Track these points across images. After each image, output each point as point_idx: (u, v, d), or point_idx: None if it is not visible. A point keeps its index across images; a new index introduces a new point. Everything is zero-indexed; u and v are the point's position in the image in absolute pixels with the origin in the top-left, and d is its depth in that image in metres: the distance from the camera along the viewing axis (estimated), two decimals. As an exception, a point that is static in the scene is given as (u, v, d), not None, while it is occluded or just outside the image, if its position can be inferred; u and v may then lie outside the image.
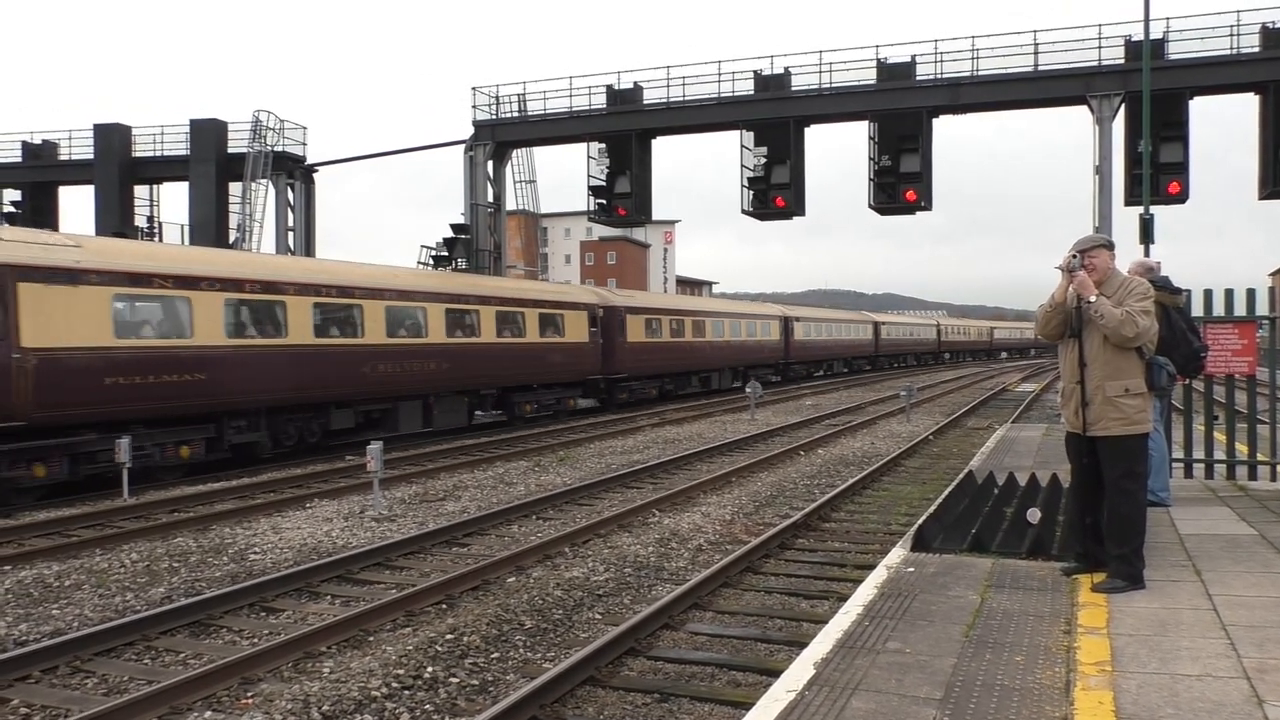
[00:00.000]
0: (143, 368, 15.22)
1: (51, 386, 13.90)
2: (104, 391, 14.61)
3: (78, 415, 14.36)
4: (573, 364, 28.01)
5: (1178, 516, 8.64)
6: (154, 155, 37.85)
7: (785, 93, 30.05)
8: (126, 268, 15.30)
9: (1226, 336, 10.05)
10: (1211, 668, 4.78)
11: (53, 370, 13.93)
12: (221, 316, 16.66)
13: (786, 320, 47.41)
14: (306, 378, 18.30)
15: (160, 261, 16.21)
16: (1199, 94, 26.79)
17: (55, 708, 6.21)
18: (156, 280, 15.70)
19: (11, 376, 13.43)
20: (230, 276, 16.97)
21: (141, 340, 15.48)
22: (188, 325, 16.12)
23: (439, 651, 7.00)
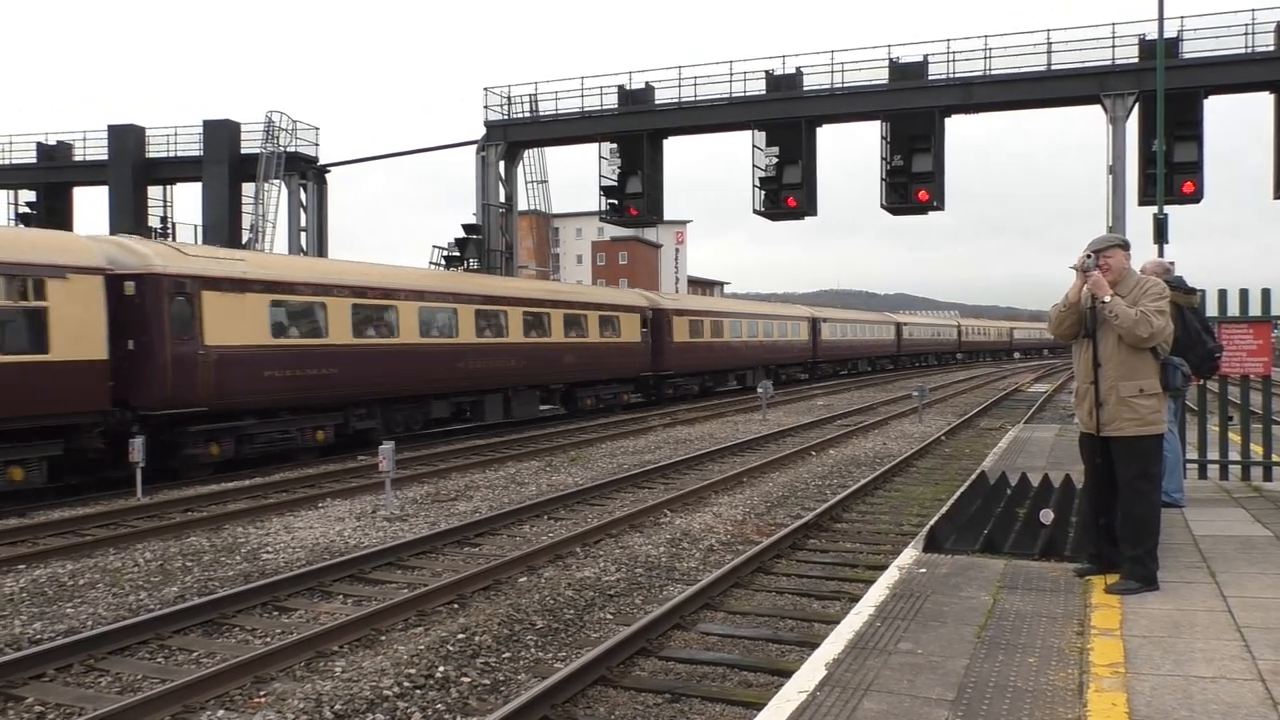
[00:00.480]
0: (291, 363, 17.80)
1: (225, 378, 16.43)
2: (263, 382, 17.19)
3: (243, 403, 16.90)
4: (627, 362, 30.57)
5: (1192, 518, 8.60)
6: (167, 156, 38.04)
7: (797, 93, 30.01)
8: (279, 277, 17.95)
9: (1241, 337, 9.99)
10: (1226, 670, 4.76)
11: (226, 364, 16.46)
12: (349, 319, 19.20)
13: (815, 321, 49.47)
14: (413, 372, 20.91)
15: (303, 272, 18.99)
16: (1213, 93, 26.65)
17: (69, 706, 6.24)
18: (301, 288, 18.31)
19: (198, 369, 15.96)
20: (355, 284, 19.63)
21: (290, 339, 17.98)
22: (324, 326, 18.67)
23: (451, 651, 7.01)
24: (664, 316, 33.18)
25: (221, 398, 16.35)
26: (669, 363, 33.31)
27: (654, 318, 32.63)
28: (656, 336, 32.54)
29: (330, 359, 18.60)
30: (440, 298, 22.09)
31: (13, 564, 10.16)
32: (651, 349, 32.14)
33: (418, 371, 21.01)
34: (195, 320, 15.97)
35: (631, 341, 30.84)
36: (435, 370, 21.56)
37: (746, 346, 40.24)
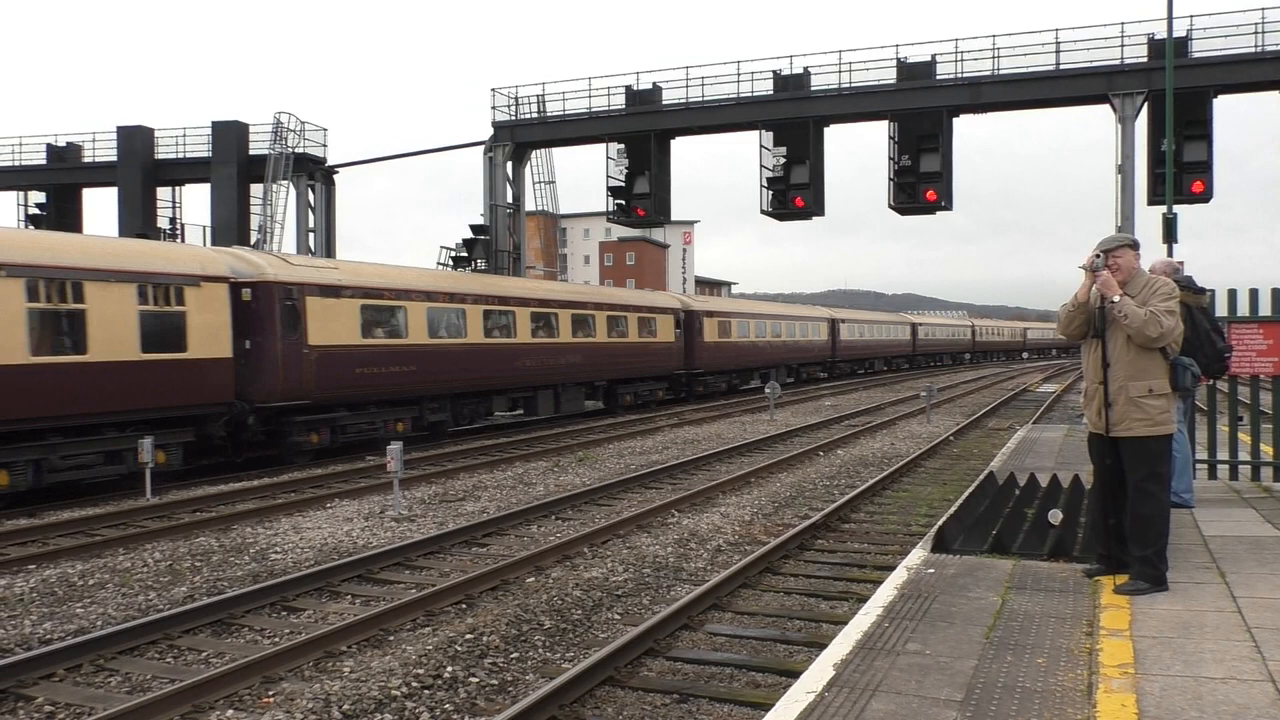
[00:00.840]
0: (377, 360, 19.68)
1: (325, 374, 18.28)
2: (354, 378, 19.09)
3: (338, 396, 18.79)
4: (663, 360, 32.63)
5: (1201, 518, 8.57)
6: (176, 157, 38.15)
7: (805, 93, 29.99)
8: (367, 283, 19.82)
9: (1251, 337, 9.95)
10: (1236, 670, 4.74)
11: (325, 362, 18.32)
12: (425, 321, 21.12)
13: (834, 322, 51.63)
14: (478, 369, 22.92)
15: (386, 278, 20.71)
16: (1223, 92, 26.56)
17: (79, 706, 6.26)
18: (385, 293, 20.15)
19: (303, 366, 17.83)
20: (429, 289, 21.58)
21: (376, 340, 19.79)
22: (403, 328, 20.57)
23: (458, 651, 7.02)
24: (695, 318, 34.94)
25: (321, 392, 18.29)
26: (700, 361, 35.04)
27: (686, 319, 34.40)
28: (689, 336, 34.36)
29: (409, 357, 20.60)
30: (501, 301, 24.14)
31: (23, 564, 10.21)
32: (684, 348, 34.03)
33: (482, 369, 23.03)
34: (300, 322, 17.90)
35: (667, 341, 32.84)
36: (496, 368, 23.59)
37: (770, 346, 42.18)
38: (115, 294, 14.81)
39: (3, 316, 13.36)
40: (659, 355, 32.34)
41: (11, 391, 13.35)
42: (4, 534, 11.68)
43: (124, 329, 14.92)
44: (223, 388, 16.53)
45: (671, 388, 34.14)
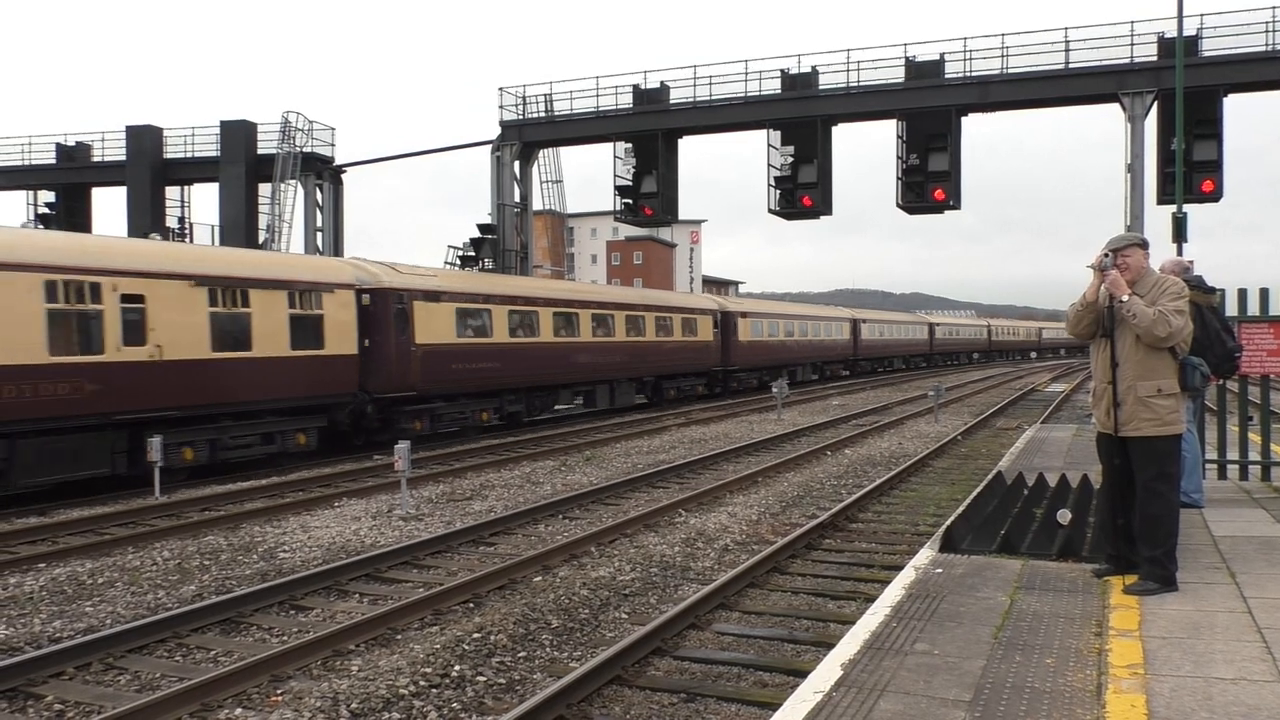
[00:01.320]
0: (468, 357, 22.14)
1: (428, 369, 20.65)
2: (450, 373, 21.50)
3: (438, 389, 21.23)
4: (702, 358, 35.08)
5: (1211, 518, 8.54)
6: (185, 157, 38.24)
7: (812, 92, 29.94)
8: (460, 289, 22.47)
9: (1261, 336, 9.91)
10: (1246, 671, 4.72)
11: (428, 358, 20.68)
12: (507, 322, 23.58)
13: (855, 322, 54.32)
14: (549, 365, 25.33)
15: (476, 284, 23.76)
16: (1233, 91, 26.45)
17: (88, 704, 6.28)
18: (475, 298, 22.82)
19: (411, 362, 20.21)
20: (509, 294, 24.32)
21: (467, 339, 22.25)
22: (489, 328, 22.98)
23: (466, 650, 7.03)
24: (731, 318, 37.30)
25: (425, 385, 20.68)
26: (735, 359, 37.35)
27: (723, 319, 36.69)
28: (725, 336, 36.63)
29: (493, 354, 23.11)
30: (568, 305, 26.71)
31: (33, 562, 10.24)
32: (721, 346, 36.37)
33: (551, 365, 25.51)
34: (409, 324, 20.23)
35: (706, 340, 35.30)
36: (563, 364, 26.08)
37: (798, 345, 45.05)
38: (272, 299, 17.38)
39: (193, 319, 15.93)
40: (699, 353, 34.79)
41: (197, 382, 15.98)
42: (14, 533, 11.72)
43: (278, 329, 17.47)
44: (350, 380, 19.06)
45: (709, 383, 36.27)
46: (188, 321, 15.88)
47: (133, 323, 14.98)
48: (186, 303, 15.89)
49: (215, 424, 16.35)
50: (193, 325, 15.91)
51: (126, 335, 14.87)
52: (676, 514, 12.54)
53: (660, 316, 31.99)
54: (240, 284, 16.81)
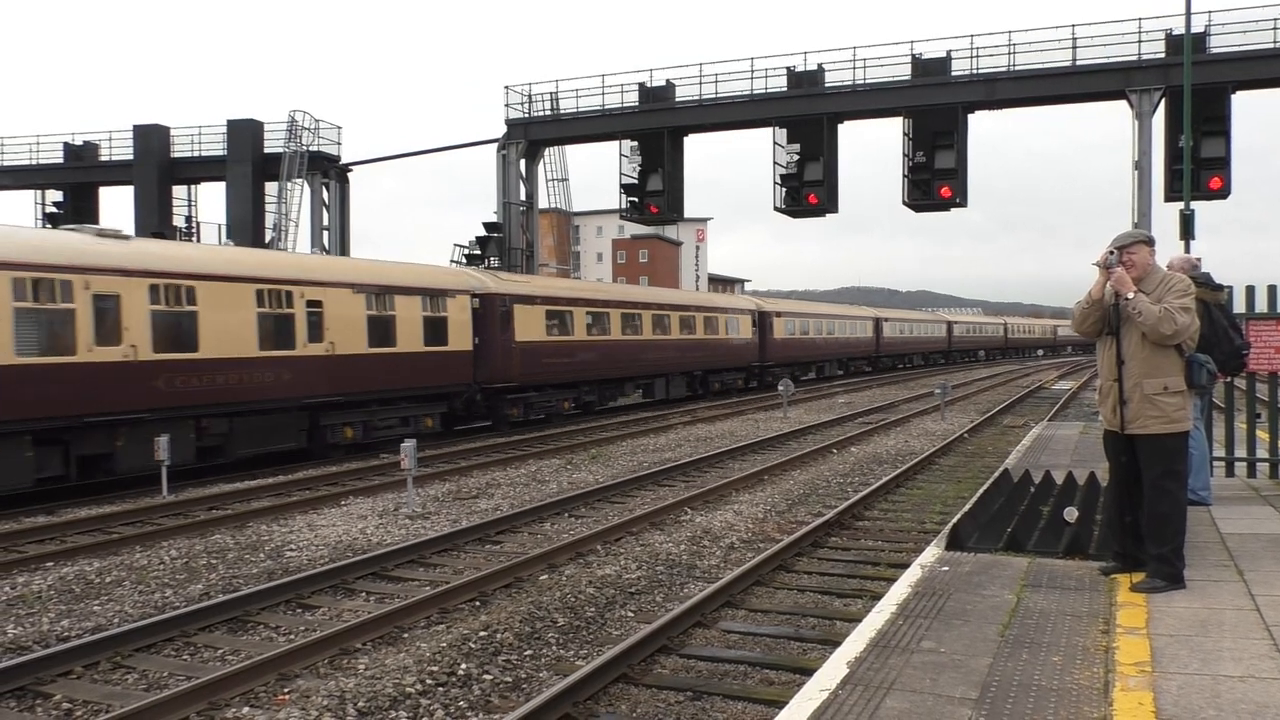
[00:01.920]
0: (555, 353, 25.36)
1: (525, 363, 23.94)
2: (541, 367, 24.70)
3: (531, 380, 24.35)
4: (742, 354, 38.23)
5: (1219, 516, 8.51)
6: (192, 156, 38.33)
7: (818, 89, 29.92)
8: (547, 293, 25.93)
9: (1269, 333, 9.88)
10: (1254, 669, 4.70)
11: (525, 354, 23.97)
12: (585, 322, 26.95)
13: (878, 321, 57.68)
14: (617, 360, 28.70)
15: (560, 289, 27.83)
16: (1241, 88, 26.36)
17: (96, 703, 6.30)
18: (560, 301, 26.10)
19: (512, 357, 23.50)
20: (588, 297, 28.08)
21: (554, 337, 25.37)
22: (571, 327, 26.25)
23: (473, 649, 7.04)
24: (768, 318, 40.41)
25: (522, 377, 23.88)
26: (771, 355, 40.44)
27: (760, 318, 39.67)
28: (762, 334, 39.58)
29: (574, 350, 26.37)
30: (633, 306, 30.12)
31: (41, 561, 10.27)
32: (758, 344, 39.33)
33: (620, 360, 28.86)
34: (510, 324, 23.50)
35: (746, 338, 38.47)
36: (629, 359, 29.51)
37: (825, 342, 48.35)
38: (411, 304, 20.45)
39: (355, 321, 19.02)
40: (740, 350, 37.99)
41: (357, 373, 18.92)
42: (22, 531, 11.76)
43: (415, 329, 20.50)
44: (466, 372, 22.05)
45: (747, 378, 39.03)
46: (351, 323, 18.98)
47: (314, 324, 18.10)
48: (350, 307, 18.99)
49: (367, 408, 19.42)
50: (355, 326, 19.00)
51: (310, 334, 18.00)
52: (683, 512, 12.54)
53: (708, 316, 35.19)
54: (388, 290, 19.88)
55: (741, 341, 37.82)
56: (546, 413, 25.16)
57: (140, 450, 14.68)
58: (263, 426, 17.08)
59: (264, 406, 16.96)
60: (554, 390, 25.54)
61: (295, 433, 17.84)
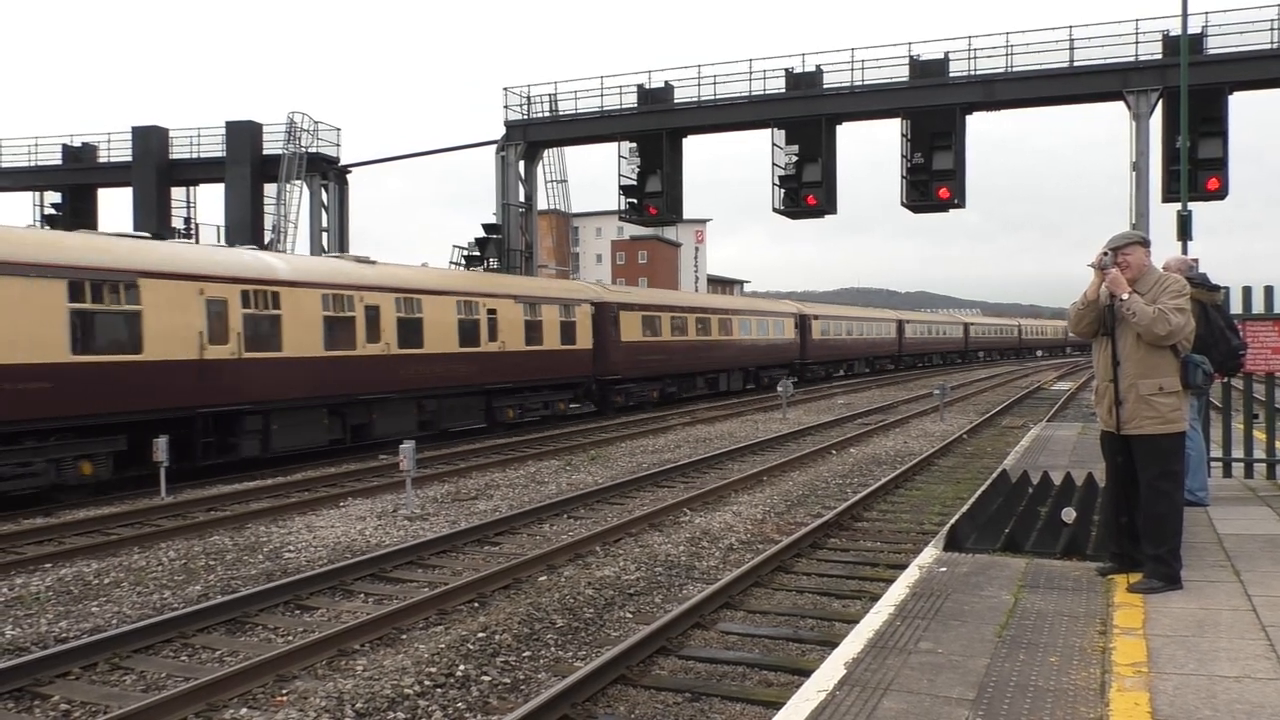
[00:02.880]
0: (649, 351, 30.63)
1: (627, 359, 29.28)
2: (639, 362, 29.99)
3: (631, 374, 29.55)
4: (786, 353, 43.58)
5: (1216, 516, 8.52)
6: (191, 157, 38.29)
7: (817, 90, 29.93)
8: (643, 301, 31.84)
9: (1266, 334, 9.89)
10: (1251, 669, 4.71)
11: (628, 351, 29.32)
12: (670, 325, 32.24)
13: (900, 323, 63.23)
14: (694, 358, 34.25)
15: (653, 297, 34.96)
16: (1239, 89, 26.38)
17: (94, 704, 6.30)
18: (653, 308, 31.70)
19: (619, 354, 28.78)
20: (671, 304, 33.67)
21: (647, 337, 30.55)
22: (660, 329, 31.49)
23: (471, 650, 7.04)
24: (807, 320, 46.12)
25: (625, 371, 29.22)
26: (810, 354, 46.07)
27: (800, 320, 45.32)
28: (803, 335, 45.17)
29: (662, 349, 31.58)
30: (705, 311, 35.72)
31: (39, 563, 10.28)
32: (799, 344, 44.82)
33: (696, 358, 34.35)
34: (618, 327, 28.78)
35: (790, 339, 43.99)
36: (702, 357, 34.86)
37: (854, 342, 54.05)
38: (552, 310, 25.72)
39: (517, 325, 24.09)
40: (784, 349, 43.29)
41: (518, 365, 23.96)
42: (20, 533, 11.76)
43: (555, 331, 25.65)
44: (587, 366, 27.16)
45: (790, 373, 42.76)
46: (515, 326, 24.03)
47: (492, 327, 23.11)
48: (514, 314, 24.04)
49: (522, 394, 24.35)
50: (517, 328, 24.08)
51: (489, 335, 23.01)
52: (681, 513, 12.55)
53: (759, 320, 40.70)
54: (538, 301, 25.14)
55: (787, 341, 43.39)
56: (639, 401, 30.10)
57: (387, 421, 19.78)
58: (458, 407, 22.15)
59: (460, 391, 22.14)
60: (646, 383, 30.75)
61: (478, 412, 22.85)
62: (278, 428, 17.32)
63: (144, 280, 15.14)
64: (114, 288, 14.72)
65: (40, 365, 13.60)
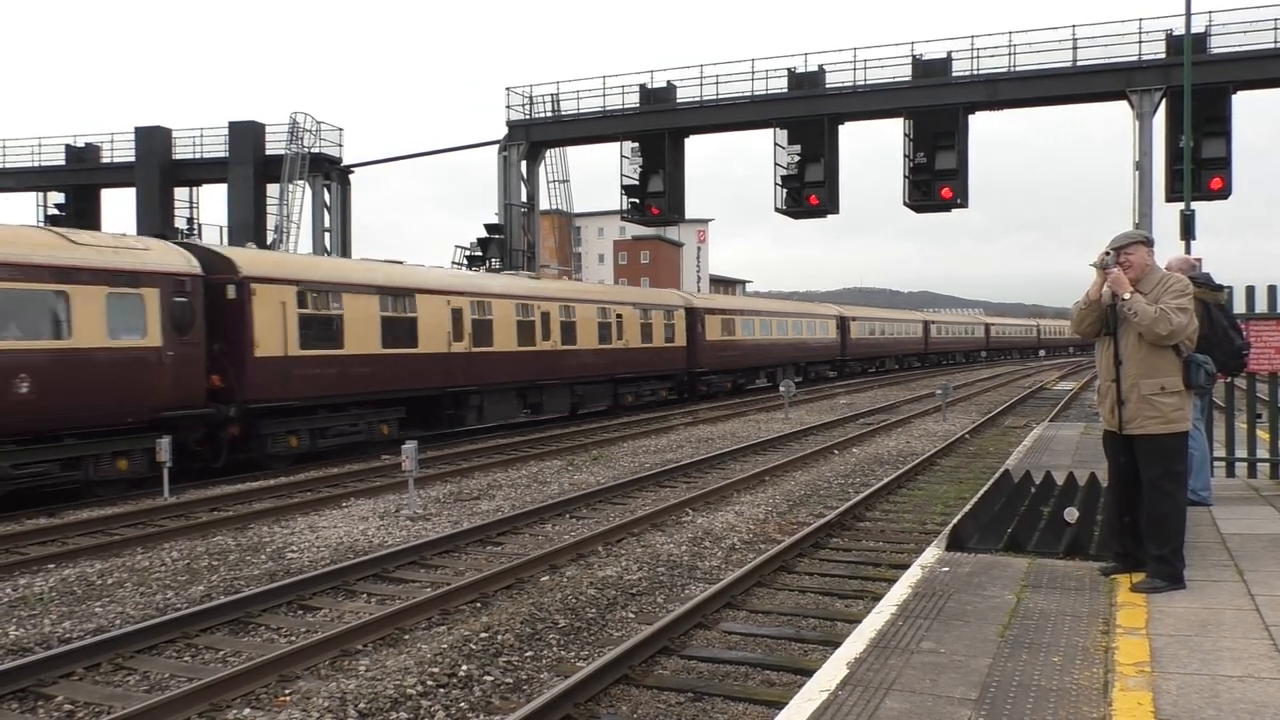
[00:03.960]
0: (725, 349, 36.48)
1: (711, 355, 34.90)
2: (718, 358, 35.77)
3: (714, 367, 35.42)
4: (830, 351, 49.85)
5: (1219, 516, 8.52)
6: (194, 158, 38.35)
7: (819, 90, 29.93)
8: (723, 307, 38.11)
9: (1269, 333, 9.88)
10: (1254, 669, 4.71)
11: (712, 349, 35.07)
12: (742, 326, 38.14)
13: (926, 324, 68.98)
14: (759, 355, 40.21)
15: (730, 303, 41.76)
16: (1242, 89, 26.35)
17: (98, 704, 6.31)
18: (730, 311, 37.95)
19: (705, 351, 34.34)
20: (741, 308, 39.87)
21: (726, 337, 36.54)
22: (735, 330, 37.36)
23: (473, 650, 7.04)
24: (847, 321, 52.39)
25: (710, 364, 35.05)
26: (849, 352, 52.45)
27: (841, 322, 51.40)
28: (843, 334, 51.29)
29: (735, 347, 37.61)
30: (768, 314, 41.91)
31: (43, 563, 10.29)
32: (840, 343, 50.86)
33: (759, 354, 40.25)
34: (704, 328, 34.47)
35: (833, 338, 50.18)
36: (768, 354, 41.12)
37: (887, 341, 60.08)
38: (659, 314, 31.59)
39: (635, 325, 29.79)
40: (829, 347, 49.71)
41: (634, 360, 29.59)
42: (24, 534, 11.78)
43: (661, 331, 31.58)
44: (682, 362, 33.07)
45: (832, 367, 51.10)
46: (634, 327, 29.72)
47: (619, 328, 28.82)
48: (634, 317, 29.89)
49: (636, 384, 30.03)
50: (635, 329, 29.81)
51: (615, 335, 28.58)
52: (684, 513, 12.55)
53: (808, 321, 47.08)
54: (649, 307, 31.23)
55: (831, 340, 49.72)
56: (715, 390, 35.71)
57: (553, 403, 25.80)
58: (595, 393, 27.83)
59: (597, 380, 27.76)
60: (722, 375, 36.46)
61: (608, 397, 28.58)
62: (488, 404, 22.95)
63: (419, 295, 20.85)
64: (400, 300, 20.29)
65: (366, 355, 19.24)
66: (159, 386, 15.21)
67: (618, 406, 28.92)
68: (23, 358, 13.33)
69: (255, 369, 16.75)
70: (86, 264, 14.30)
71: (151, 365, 15.08)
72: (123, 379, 14.65)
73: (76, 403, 13.93)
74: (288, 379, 17.36)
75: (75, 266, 14.12)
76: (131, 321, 14.87)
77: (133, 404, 14.76)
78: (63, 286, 13.89)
